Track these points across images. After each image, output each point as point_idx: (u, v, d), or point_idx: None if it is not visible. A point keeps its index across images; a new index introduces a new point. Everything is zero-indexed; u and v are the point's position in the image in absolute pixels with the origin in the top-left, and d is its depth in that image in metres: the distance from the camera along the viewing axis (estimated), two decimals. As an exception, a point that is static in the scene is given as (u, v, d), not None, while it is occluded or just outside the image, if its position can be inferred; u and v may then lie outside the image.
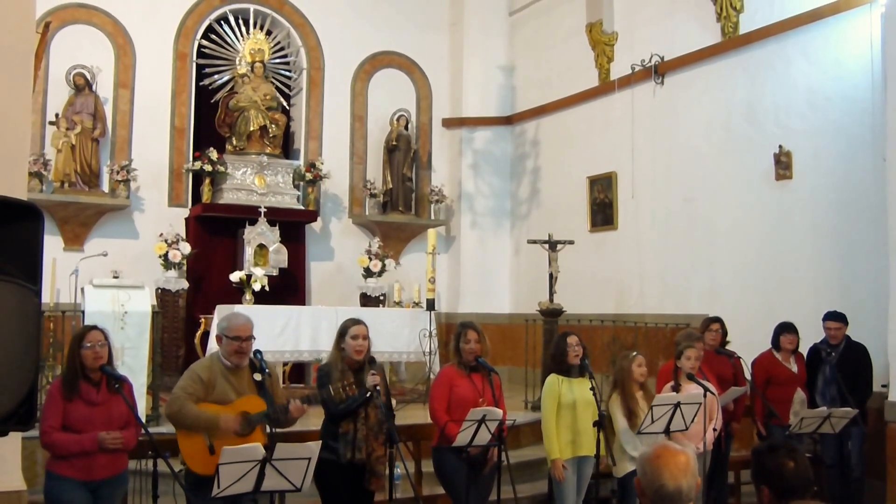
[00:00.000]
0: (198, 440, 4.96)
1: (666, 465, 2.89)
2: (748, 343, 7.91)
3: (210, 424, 4.94)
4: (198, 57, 12.33)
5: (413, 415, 8.56)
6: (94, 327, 5.11)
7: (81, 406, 4.92)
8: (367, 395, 5.32)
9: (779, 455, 3.29)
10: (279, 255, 11.48)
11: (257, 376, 5.04)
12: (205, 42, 12.33)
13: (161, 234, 11.09)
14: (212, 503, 4.57)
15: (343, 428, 5.39)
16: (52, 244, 10.73)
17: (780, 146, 9.27)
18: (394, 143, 13.15)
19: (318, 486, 5.49)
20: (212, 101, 12.25)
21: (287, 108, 12.91)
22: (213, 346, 9.59)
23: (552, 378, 6.30)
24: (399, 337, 9.93)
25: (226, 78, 12.28)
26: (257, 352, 5.09)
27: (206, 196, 11.75)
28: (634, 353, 6.49)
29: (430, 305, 9.99)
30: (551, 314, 9.58)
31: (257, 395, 5.02)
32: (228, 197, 11.75)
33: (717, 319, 7.69)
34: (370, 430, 5.42)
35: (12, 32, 5.11)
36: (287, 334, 9.52)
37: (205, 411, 4.97)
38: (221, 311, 9.65)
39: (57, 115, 11.06)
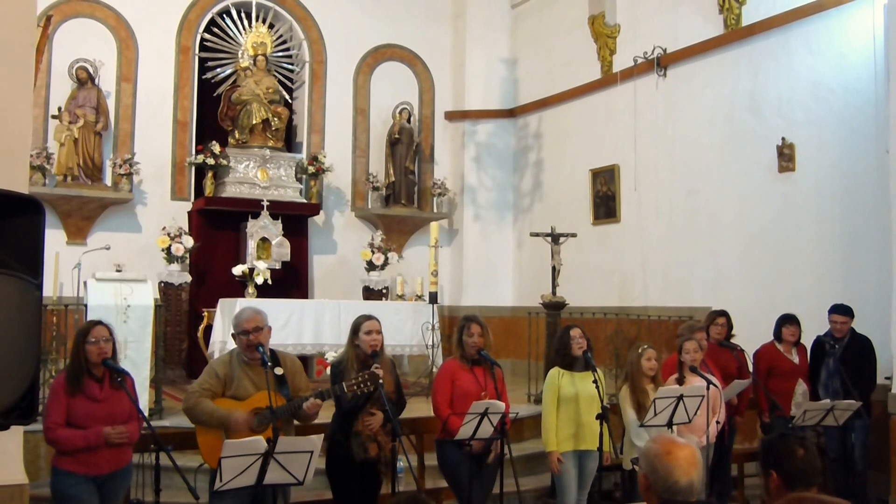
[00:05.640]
0: (214, 435, 4.96)
1: (676, 461, 2.89)
2: (751, 335, 7.90)
3: (222, 422, 4.96)
4: (200, 50, 12.31)
5: (416, 408, 8.54)
6: (99, 322, 5.09)
7: (85, 402, 4.91)
8: (372, 389, 5.32)
9: (790, 442, 3.33)
10: (282, 249, 11.48)
11: (279, 370, 5.04)
12: (207, 35, 12.32)
13: (164, 228, 11.12)
14: (230, 498, 4.59)
15: (357, 427, 5.40)
16: (55, 238, 10.74)
17: (783, 138, 9.26)
18: (396, 136, 13.15)
19: (331, 479, 5.54)
20: (214, 94, 12.25)
21: (289, 101, 12.91)
22: (215, 339, 9.64)
23: (552, 372, 6.31)
24: (402, 330, 9.94)
25: (228, 71, 12.28)
26: (258, 346, 5.07)
27: (208, 190, 11.75)
28: (645, 347, 6.48)
29: (433, 298, 9.98)
30: (554, 307, 9.57)
31: (277, 389, 4.99)
32: (231, 190, 11.75)
33: (723, 313, 7.65)
34: (381, 426, 5.43)
35: (13, 26, 5.11)
36: (290, 328, 9.53)
37: (217, 408, 4.97)
38: (224, 305, 9.68)
39: (59, 109, 11.07)
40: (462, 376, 5.91)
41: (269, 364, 5.01)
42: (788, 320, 7.62)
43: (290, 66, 12.86)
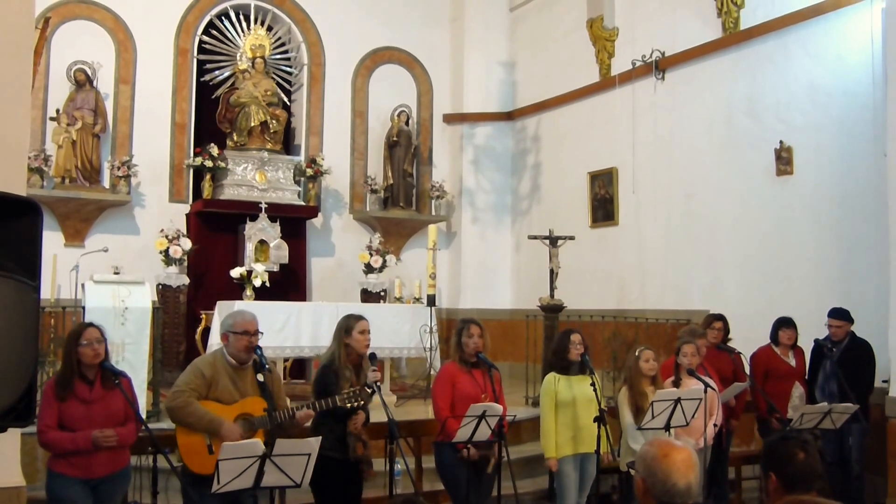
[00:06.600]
0: (197, 439, 4.92)
1: (674, 464, 2.89)
2: (749, 339, 7.89)
3: (212, 427, 4.88)
4: (199, 52, 12.32)
5: (413, 410, 8.56)
6: (91, 324, 5.08)
7: (76, 405, 4.89)
8: (371, 392, 5.34)
9: (790, 444, 3.33)
10: (280, 251, 11.48)
11: (260, 377, 5.01)
12: (206, 38, 12.32)
13: (162, 230, 11.10)
14: (210, 500, 4.56)
15: (349, 427, 5.39)
16: (53, 240, 10.74)
17: (781, 142, 9.26)
18: (395, 138, 13.15)
19: (316, 485, 5.30)
20: (213, 96, 12.25)
21: (288, 103, 12.91)
22: (213, 342, 9.62)
23: (548, 377, 6.31)
24: (399, 333, 9.92)
25: (226, 73, 12.28)
26: (257, 347, 5.07)
27: (206, 192, 11.74)
28: (642, 349, 6.48)
29: (431, 301, 9.97)
30: (552, 310, 9.57)
31: (260, 395, 4.98)
32: (229, 193, 11.74)
33: (720, 317, 7.64)
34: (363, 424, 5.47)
35: (11, 28, 5.11)
36: (288, 330, 9.50)
37: (209, 412, 4.91)
38: (222, 307, 9.65)
39: (58, 111, 11.06)
40: (462, 379, 5.90)
41: (267, 367, 5.02)
42: (785, 323, 7.63)
43: (288, 69, 12.86)
